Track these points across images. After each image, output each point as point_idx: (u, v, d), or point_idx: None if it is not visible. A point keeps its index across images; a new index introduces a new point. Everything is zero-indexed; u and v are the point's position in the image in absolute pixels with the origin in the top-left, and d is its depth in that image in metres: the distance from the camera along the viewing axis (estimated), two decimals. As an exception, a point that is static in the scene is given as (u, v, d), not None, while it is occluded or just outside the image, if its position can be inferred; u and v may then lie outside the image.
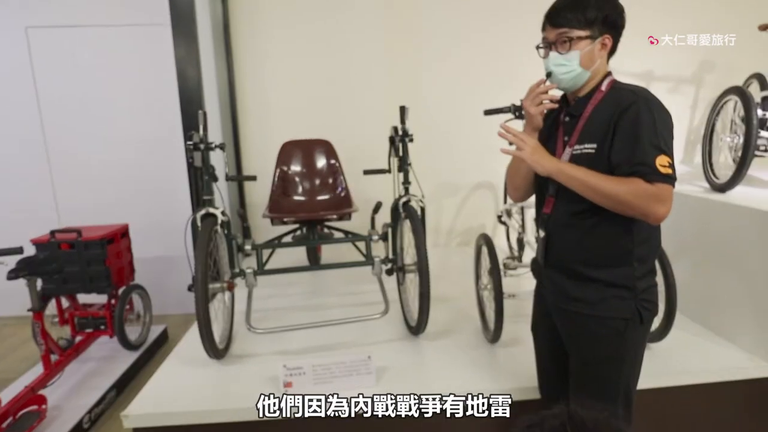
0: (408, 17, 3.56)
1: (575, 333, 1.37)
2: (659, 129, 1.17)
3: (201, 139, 2.17)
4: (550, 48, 1.32)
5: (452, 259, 3.55)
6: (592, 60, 1.29)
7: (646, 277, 1.30)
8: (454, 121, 3.64)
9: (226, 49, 3.49)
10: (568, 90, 1.36)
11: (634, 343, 1.32)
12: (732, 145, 2.41)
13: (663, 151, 1.16)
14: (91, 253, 2.65)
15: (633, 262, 1.28)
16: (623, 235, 1.27)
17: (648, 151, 1.16)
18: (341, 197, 3.04)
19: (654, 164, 1.15)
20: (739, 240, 2.08)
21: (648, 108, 1.19)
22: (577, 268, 1.32)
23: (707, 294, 2.27)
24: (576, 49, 1.28)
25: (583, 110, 1.31)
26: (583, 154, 1.27)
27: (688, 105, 3.74)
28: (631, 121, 1.19)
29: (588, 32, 1.27)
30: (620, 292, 1.28)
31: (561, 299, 1.38)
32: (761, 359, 1.97)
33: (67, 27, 3.31)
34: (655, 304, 1.33)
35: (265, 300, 2.74)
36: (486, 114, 2.24)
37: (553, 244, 1.37)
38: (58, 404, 2.37)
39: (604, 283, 1.29)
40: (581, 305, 1.32)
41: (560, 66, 1.30)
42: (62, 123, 3.44)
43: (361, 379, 1.84)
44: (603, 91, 1.30)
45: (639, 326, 1.29)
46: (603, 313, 1.29)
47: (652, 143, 1.17)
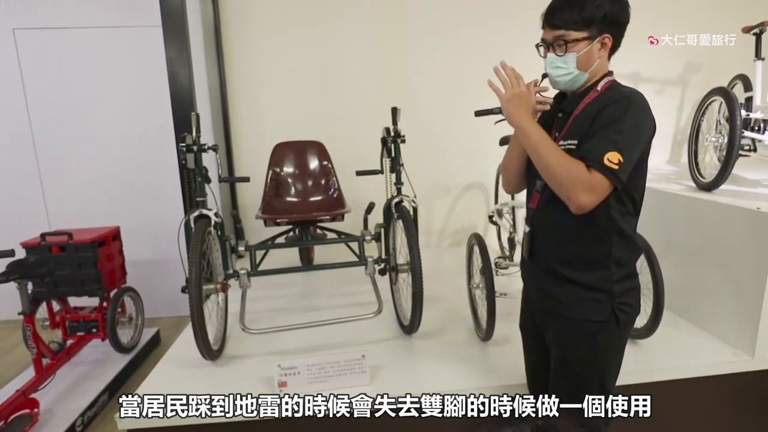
0: (399, 19, 3.58)
1: (554, 331, 1.38)
2: (626, 127, 1.15)
3: (194, 141, 2.18)
4: (548, 48, 1.28)
5: (444, 259, 3.58)
6: (590, 61, 1.25)
7: (625, 279, 1.29)
8: (446, 122, 3.67)
9: (217, 50, 3.49)
10: (567, 91, 1.34)
11: (610, 345, 1.32)
12: (717, 144, 2.46)
13: (618, 149, 1.13)
14: (82, 256, 2.63)
15: (611, 266, 1.26)
16: (603, 237, 1.25)
17: (603, 143, 1.15)
18: (334, 198, 3.06)
19: (601, 155, 1.13)
20: (725, 237, 2.13)
21: (626, 107, 1.16)
22: (557, 267, 1.32)
23: (694, 290, 2.32)
24: (573, 51, 1.24)
25: (576, 108, 1.28)
26: (566, 150, 1.24)
27: (674, 106, 3.81)
28: (605, 115, 1.18)
29: (586, 33, 1.22)
30: (597, 294, 1.27)
31: (542, 297, 1.39)
32: (745, 353, 2.02)
33: (55, 29, 3.28)
34: (634, 307, 1.32)
35: (258, 301, 2.75)
36: (477, 115, 2.25)
37: (537, 241, 1.37)
38: (50, 408, 2.36)
39: (582, 285, 1.28)
40: (559, 305, 1.33)
41: (557, 68, 1.27)
42: (52, 125, 3.41)
43: (355, 377, 1.85)
44: (598, 90, 1.26)
45: (616, 328, 1.28)
46: (579, 315, 1.29)
47: (611, 138, 1.14)
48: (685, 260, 2.36)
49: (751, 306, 1.99)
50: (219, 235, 2.28)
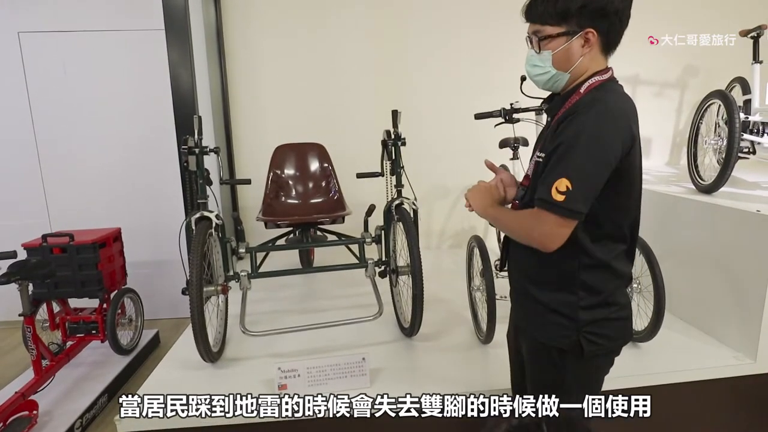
0: (399, 21, 3.60)
1: (525, 349, 1.31)
2: (582, 146, 1.02)
3: (195, 144, 2.18)
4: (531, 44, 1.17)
5: (444, 262, 3.58)
6: (570, 60, 1.11)
7: (597, 308, 1.15)
8: (446, 124, 3.68)
9: (219, 53, 3.50)
10: (552, 91, 1.23)
11: (578, 376, 1.19)
12: (716, 147, 2.46)
13: (567, 174, 1.02)
14: (83, 257, 2.63)
15: (577, 290, 1.14)
16: (568, 258, 1.13)
17: (553, 172, 1.05)
18: (334, 200, 3.06)
19: (549, 186, 1.03)
20: (725, 240, 2.13)
21: (584, 121, 1.03)
22: (525, 284, 1.24)
23: (695, 293, 2.31)
24: (548, 48, 1.11)
25: (557, 112, 1.16)
26: (538, 162, 1.16)
27: (673, 108, 3.82)
28: (560, 133, 1.06)
29: (562, 28, 1.09)
30: (559, 319, 1.16)
31: (515, 311, 1.35)
32: (747, 357, 2.01)
33: (59, 32, 3.29)
34: (611, 338, 1.17)
35: (259, 303, 2.74)
36: (477, 118, 2.27)
37: (510, 253, 1.31)
38: (50, 409, 2.35)
39: (544, 305, 1.18)
40: (526, 323, 1.27)
41: (534, 66, 1.17)
42: (54, 127, 3.42)
43: (356, 380, 1.85)
44: (581, 93, 1.11)
45: (581, 359, 1.15)
46: (542, 338, 1.20)
47: (562, 162, 1.03)
48: (685, 263, 2.36)
49: (752, 309, 1.99)
50: (220, 236, 2.28)
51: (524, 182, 1.24)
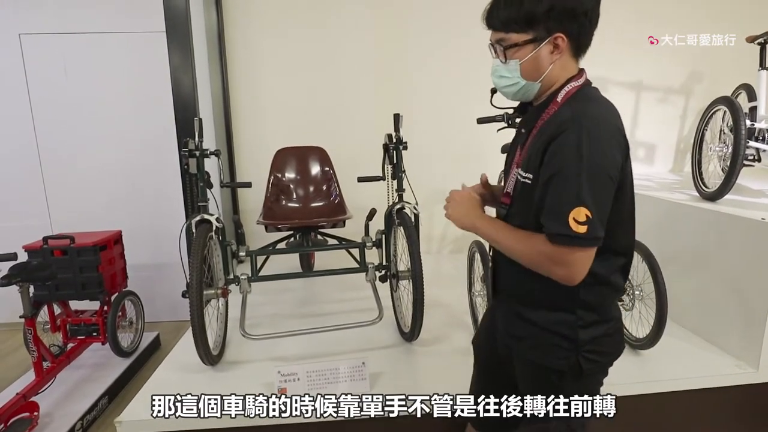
0: (400, 24, 3.59)
1: (517, 371, 1.23)
2: (585, 167, 0.93)
3: (196, 146, 2.18)
4: (495, 52, 1.08)
5: (445, 266, 3.57)
6: (540, 68, 1.03)
7: (595, 325, 1.10)
8: (447, 128, 3.67)
9: (220, 55, 3.51)
10: (523, 101, 1.14)
11: (575, 395, 1.14)
12: (721, 154, 2.45)
13: (582, 202, 0.93)
14: (84, 260, 2.63)
15: (576, 309, 1.08)
16: None
17: (561, 201, 0.95)
18: (335, 204, 3.06)
19: (564, 219, 0.94)
20: (729, 248, 2.11)
21: (577, 139, 0.94)
22: (517, 305, 1.17)
23: (697, 301, 2.30)
24: (515, 57, 1.03)
25: (534, 124, 1.08)
26: (525, 183, 1.07)
27: (677, 114, 3.80)
28: (554, 155, 0.97)
29: (529, 35, 1.00)
30: (558, 340, 1.09)
31: (506, 334, 1.24)
32: (749, 366, 2.00)
33: (60, 34, 3.30)
34: (607, 354, 1.13)
35: (259, 306, 2.74)
36: (479, 123, 2.27)
37: (500, 273, 1.22)
38: (50, 411, 2.35)
39: (540, 327, 1.11)
40: (519, 345, 1.18)
41: (501, 78, 1.08)
42: (55, 129, 3.43)
43: (356, 385, 1.84)
44: (558, 102, 1.03)
45: (580, 378, 1.11)
46: (537, 360, 1.14)
47: (568, 190, 0.94)
48: (688, 270, 2.34)
49: (755, 317, 1.97)
50: (220, 240, 2.28)
51: (504, 200, 1.16)
